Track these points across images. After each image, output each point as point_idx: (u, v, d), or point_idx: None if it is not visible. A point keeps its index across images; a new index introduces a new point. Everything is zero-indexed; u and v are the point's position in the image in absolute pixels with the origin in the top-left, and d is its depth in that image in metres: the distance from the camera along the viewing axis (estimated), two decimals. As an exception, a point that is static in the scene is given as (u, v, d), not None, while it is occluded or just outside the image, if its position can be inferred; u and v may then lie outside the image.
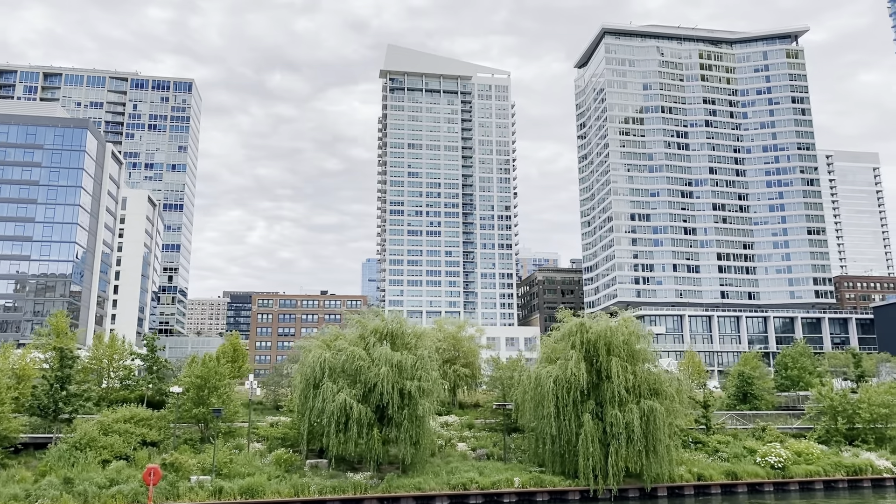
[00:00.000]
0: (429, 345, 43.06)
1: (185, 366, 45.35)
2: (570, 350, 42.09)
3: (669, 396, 41.24)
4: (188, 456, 37.71)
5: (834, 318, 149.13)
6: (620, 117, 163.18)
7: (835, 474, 44.52)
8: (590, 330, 41.84)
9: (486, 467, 40.84)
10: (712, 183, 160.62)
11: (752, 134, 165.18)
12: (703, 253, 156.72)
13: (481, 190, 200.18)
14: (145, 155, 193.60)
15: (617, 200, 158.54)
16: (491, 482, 38.11)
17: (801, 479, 43.80)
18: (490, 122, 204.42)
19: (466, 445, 46.44)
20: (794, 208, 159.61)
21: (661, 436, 39.26)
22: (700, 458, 45.87)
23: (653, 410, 39.52)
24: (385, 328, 41.62)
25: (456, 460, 42.95)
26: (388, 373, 38.13)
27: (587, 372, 41.04)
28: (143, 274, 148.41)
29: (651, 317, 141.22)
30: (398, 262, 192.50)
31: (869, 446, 49.01)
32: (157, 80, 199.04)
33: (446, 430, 48.51)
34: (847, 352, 71.31)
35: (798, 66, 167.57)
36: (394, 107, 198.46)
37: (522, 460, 43.76)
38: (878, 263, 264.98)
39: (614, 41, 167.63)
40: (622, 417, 39.20)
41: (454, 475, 38.55)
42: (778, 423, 54.60)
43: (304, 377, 39.98)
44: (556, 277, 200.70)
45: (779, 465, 43.66)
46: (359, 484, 36.41)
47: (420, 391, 38.64)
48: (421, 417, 38.04)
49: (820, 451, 46.99)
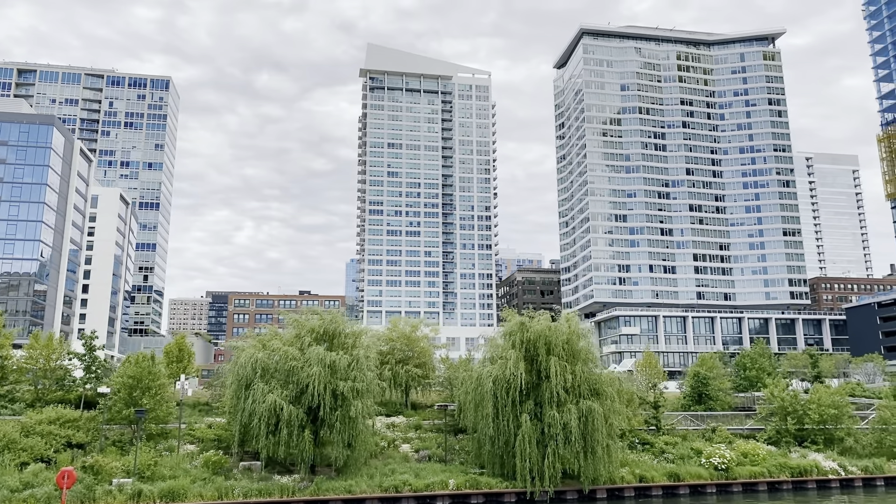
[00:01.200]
0: (368, 345, 42.24)
1: (120, 365, 44.22)
2: (510, 350, 41.49)
3: (610, 397, 40.70)
4: (113, 458, 36.65)
5: (808, 320, 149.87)
6: (598, 118, 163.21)
7: (779, 475, 44.17)
8: (529, 329, 41.22)
9: (423, 469, 40.09)
10: (689, 184, 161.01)
11: (728, 135, 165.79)
12: (679, 254, 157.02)
13: (461, 190, 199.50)
14: (121, 153, 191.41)
15: (594, 201, 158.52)
16: (424, 484, 37.35)
17: (744, 481, 43.40)
18: (470, 121, 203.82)
19: (410, 447, 45.66)
20: (769, 209, 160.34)
21: (599, 437, 38.69)
22: (646, 459, 45.39)
23: (591, 411, 38.95)
24: (322, 328, 40.77)
25: (396, 462, 42.17)
26: (321, 373, 37.29)
27: (527, 372, 40.42)
28: (114, 273, 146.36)
29: (626, 317, 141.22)
30: (377, 263, 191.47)
31: (818, 447, 48.76)
32: (134, 77, 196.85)
33: (391, 432, 47.74)
34: (805, 352, 71.31)
35: (775, 67, 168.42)
36: (374, 106, 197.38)
37: (465, 462, 43.08)
38: (856, 265, 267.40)
39: (592, 42, 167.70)
40: (559, 418, 38.60)
41: (388, 477, 37.77)
42: (732, 424, 54.36)
43: (236, 377, 39.05)
44: (536, 278, 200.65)
45: (722, 466, 43.25)
46: (286, 487, 35.53)
47: (354, 392, 37.82)
48: (354, 419, 37.21)
49: (766, 452, 46.64)
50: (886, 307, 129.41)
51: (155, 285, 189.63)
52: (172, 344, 54.62)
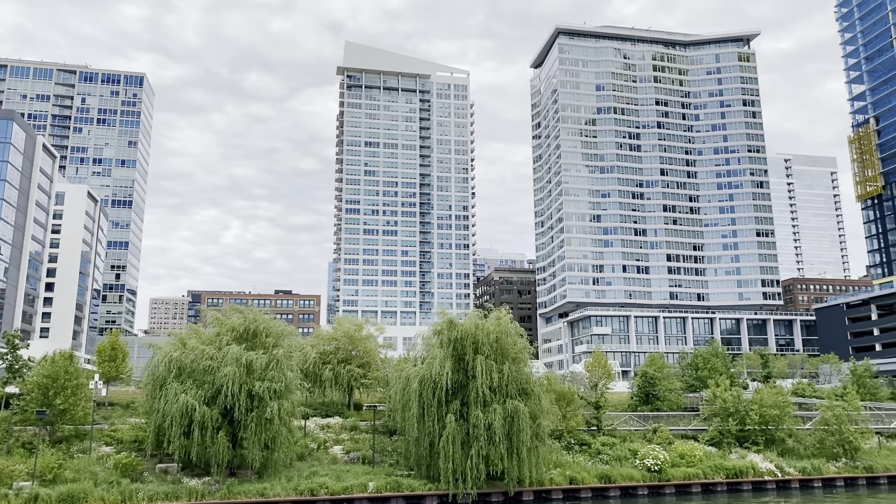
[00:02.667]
0: (291, 345, 41.15)
1: (36, 364, 42.88)
2: (437, 349, 40.63)
3: (538, 396, 39.91)
4: (17, 461, 35.34)
5: (779, 320, 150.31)
6: (573, 118, 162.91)
7: (714, 477, 43.57)
8: (457, 328, 40.33)
9: (347, 472, 39.09)
10: (663, 184, 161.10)
11: (703, 136, 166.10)
12: (652, 254, 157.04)
13: (439, 189, 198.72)
14: (94, 150, 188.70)
15: (568, 201, 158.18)
16: (342, 487, 36.34)
17: (678, 483, 42.76)
18: (449, 121, 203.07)
19: (342, 448, 44.64)
20: (743, 210, 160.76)
21: (524, 437, 37.86)
22: (581, 460, 44.65)
23: (517, 411, 38.11)
24: (243, 326, 39.65)
25: (324, 464, 41.15)
26: (236, 373, 36.19)
27: (454, 371, 39.54)
28: (82, 271, 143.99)
29: (597, 317, 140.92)
30: (353, 262, 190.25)
31: (758, 448, 48.24)
32: (107, 73, 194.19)
33: (324, 433, 46.71)
34: (755, 352, 71.03)
35: (749, 69, 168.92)
36: (351, 104, 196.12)
37: (396, 464, 42.14)
38: (834, 266, 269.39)
39: (568, 41, 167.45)
40: (483, 418, 37.74)
41: (306, 480, 36.72)
42: (679, 425, 53.74)
43: (150, 377, 37.90)
44: (513, 278, 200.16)
45: (655, 467, 42.58)
46: (195, 490, 34.38)
47: (271, 392, 36.73)
48: (270, 420, 36.12)
49: (704, 453, 46.04)
50: (854, 308, 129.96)
51: (128, 284, 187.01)
52: (105, 343, 53.21)
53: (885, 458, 49.67)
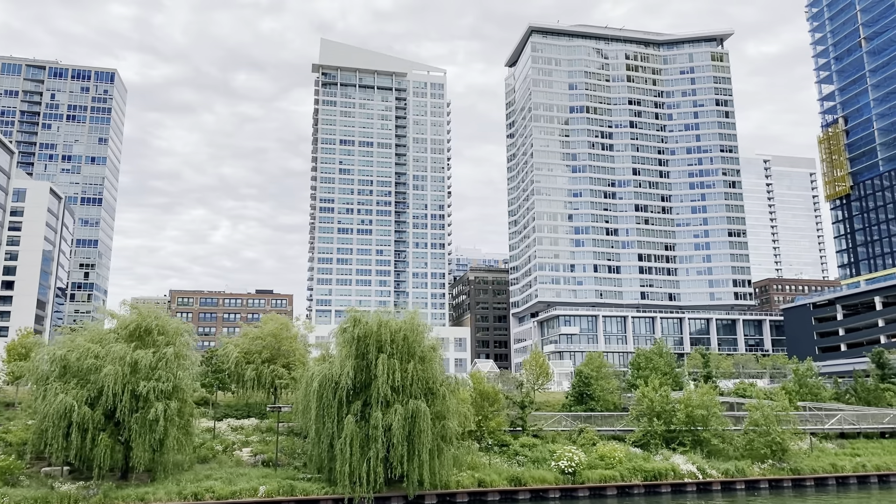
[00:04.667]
0: (188, 342, 39.60)
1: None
2: (342, 347, 39.30)
3: (443, 396, 38.59)
4: None
5: (748, 320, 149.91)
6: (545, 117, 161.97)
7: (632, 479, 42.40)
8: (360, 325, 38.96)
9: (244, 475, 37.66)
10: (635, 184, 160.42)
11: (676, 136, 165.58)
12: (624, 254, 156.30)
13: (415, 188, 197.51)
14: (63, 146, 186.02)
15: (539, 200, 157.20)
16: (231, 491, 34.89)
17: (592, 485, 41.53)
18: (425, 119, 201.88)
19: (251, 451, 43.18)
20: (715, 210, 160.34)
21: (425, 439, 36.53)
22: (498, 462, 43.40)
23: (418, 411, 36.78)
24: (136, 323, 38.11)
25: (225, 467, 39.70)
26: (118, 372, 34.68)
27: (356, 370, 38.20)
28: (44, 269, 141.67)
29: (566, 317, 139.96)
30: (327, 261, 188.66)
31: (684, 449, 47.16)
32: (77, 69, 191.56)
33: (235, 435, 45.23)
34: (696, 351, 70.16)
35: (723, 68, 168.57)
36: (326, 102, 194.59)
37: (301, 467, 40.69)
38: (813, 267, 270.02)
39: (541, 40, 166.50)
40: (382, 419, 36.42)
41: (195, 483, 35.24)
42: (615, 426, 52.57)
43: (34, 375, 36.30)
44: (489, 278, 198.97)
45: (569, 469, 41.35)
46: (67, 495, 32.82)
47: (157, 392, 35.21)
48: (155, 421, 34.62)
49: (625, 454, 44.86)
50: (821, 308, 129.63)
51: (97, 282, 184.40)
52: (16, 342, 51.44)
53: (816, 459, 48.69)
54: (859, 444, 52.69)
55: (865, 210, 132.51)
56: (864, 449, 51.49)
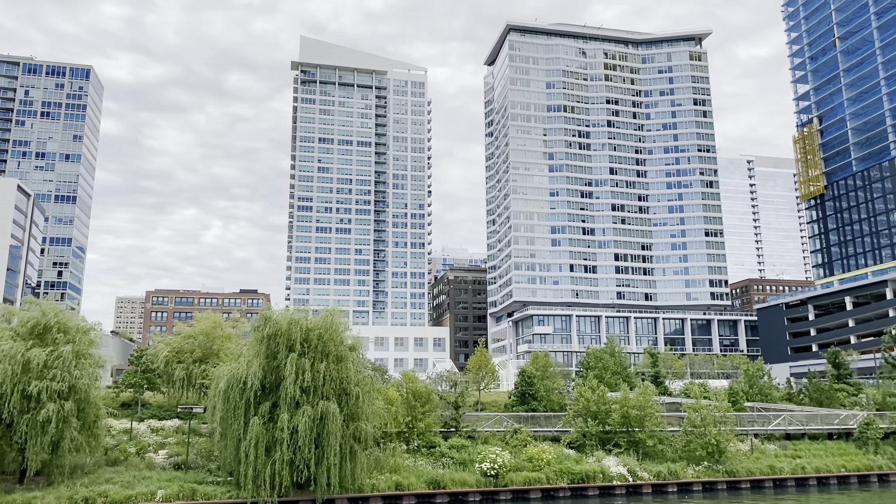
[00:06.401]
0: (93, 341, 38.24)
1: None
2: (253, 345, 38.03)
3: (356, 397, 37.35)
4: None
5: (723, 321, 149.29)
6: (522, 115, 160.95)
7: (558, 482, 41.28)
8: (270, 324, 37.67)
9: (148, 478, 36.35)
10: (612, 183, 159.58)
11: (653, 135, 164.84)
12: (600, 253, 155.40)
13: (395, 188, 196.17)
14: (37, 143, 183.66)
15: (516, 199, 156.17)
16: (126, 496, 33.55)
17: (516, 488, 40.39)
18: (406, 118, 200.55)
19: (167, 453, 41.82)
20: (692, 210, 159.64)
21: (334, 441, 35.29)
22: (423, 464, 42.18)
23: (328, 413, 35.55)
24: (37, 321, 36.70)
25: (134, 470, 38.34)
26: (9, 371, 33.31)
27: (266, 370, 36.96)
28: (10, 268, 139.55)
29: (539, 317, 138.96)
30: (305, 260, 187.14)
31: (619, 451, 46.10)
32: (52, 65, 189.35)
33: (154, 436, 43.85)
34: (646, 351, 69.24)
35: (701, 68, 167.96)
36: (305, 100, 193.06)
37: (215, 469, 39.37)
38: (796, 267, 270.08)
39: (519, 38, 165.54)
40: (289, 421, 35.17)
41: (88, 488, 33.89)
42: (557, 426, 51.45)
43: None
44: (468, 277, 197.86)
45: (492, 472, 40.20)
46: (-56, 500, 31.47)
47: (50, 393, 33.84)
48: (47, 422, 33.27)
49: (557, 455, 43.75)
50: (793, 308, 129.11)
51: (71, 281, 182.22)
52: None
53: (755, 461, 47.70)
54: (803, 445, 51.78)
55: (839, 210, 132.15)
56: (806, 451, 50.57)
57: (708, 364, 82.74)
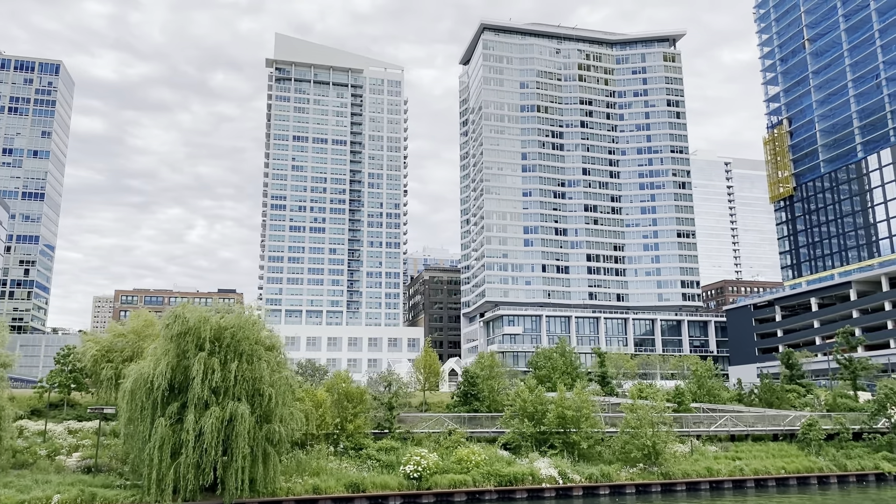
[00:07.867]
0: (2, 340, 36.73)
1: None
2: (160, 345, 36.63)
3: (268, 397, 36.06)
4: None
5: (694, 321, 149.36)
6: (496, 115, 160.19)
7: (484, 484, 40.25)
8: (180, 321, 36.31)
9: (48, 482, 34.79)
10: (585, 184, 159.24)
11: (627, 136, 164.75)
12: (573, 254, 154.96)
13: (370, 187, 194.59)
14: (4, 140, 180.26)
15: (489, 199, 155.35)
16: (19, 501, 32.05)
17: (440, 491, 39.29)
18: (382, 116, 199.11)
19: (80, 455, 40.27)
20: (665, 211, 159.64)
21: (243, 443, 34.00)
22: (348, 466, 40.97)
23: (237, 414, 34.26)
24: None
25: (40, 473, 36.79)
26: None
27: (175, 370, 35.59)
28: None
29: (509, 317, 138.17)
30: (278, 259, 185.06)
31: (554, 452, 45.15)
32: (21, 59, 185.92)
33: (69, 438, 42.26)
34: (594, 350, 68.59)
35: (674, 69, 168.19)
36: (279, 97, 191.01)
37: (126, 472, 37.91)
38: (773, 268, 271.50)
39: (493, 38, 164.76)
40: (195, 422, 33.83)
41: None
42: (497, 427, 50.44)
43: None
44: (443, 277, 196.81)
45: (415, 474, 39.08)
46: None
47: (-60, 392, 32.33)
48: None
49: (488, 457, 42.70)
50: (761, 309, 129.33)
51: (38, 280, 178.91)
52: None
53: (693, 463, 46.94)
54: (745, 447, 51.15)
55: (808, 212, 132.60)
56: (747, 452, 49.94)
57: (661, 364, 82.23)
